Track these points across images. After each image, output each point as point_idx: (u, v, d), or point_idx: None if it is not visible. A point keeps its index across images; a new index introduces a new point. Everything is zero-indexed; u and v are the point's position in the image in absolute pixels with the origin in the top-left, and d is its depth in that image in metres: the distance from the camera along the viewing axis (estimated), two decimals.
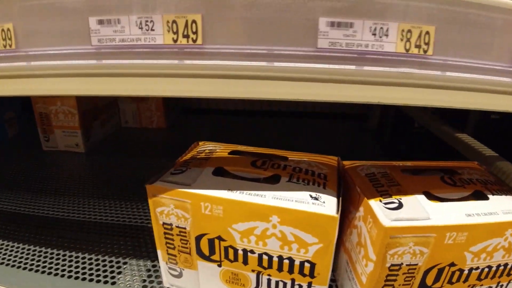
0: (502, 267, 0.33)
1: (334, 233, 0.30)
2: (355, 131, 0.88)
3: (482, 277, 0.33)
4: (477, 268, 0.33)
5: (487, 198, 0.33)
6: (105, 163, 0.67)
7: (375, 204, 0.31)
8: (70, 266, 0.42)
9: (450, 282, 0.33)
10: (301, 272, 0.32)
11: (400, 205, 0.31)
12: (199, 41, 0.24)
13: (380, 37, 0.23)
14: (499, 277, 0.34)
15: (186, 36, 0.24)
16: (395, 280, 0.31)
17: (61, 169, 0.65)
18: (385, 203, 0.31)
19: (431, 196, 0.33)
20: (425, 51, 0.24)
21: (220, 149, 0.40)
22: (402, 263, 0.30)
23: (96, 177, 0.63)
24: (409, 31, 0.24)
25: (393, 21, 0.23)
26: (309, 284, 0.33)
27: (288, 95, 0.24)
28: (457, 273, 0.32)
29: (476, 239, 0.31)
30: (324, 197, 0.31)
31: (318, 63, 0.24)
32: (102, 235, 0.48)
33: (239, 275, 0.35)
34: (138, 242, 0.46)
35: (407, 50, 0.24)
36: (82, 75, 0.26)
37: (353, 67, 0.24)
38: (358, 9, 0.23)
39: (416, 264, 0.31)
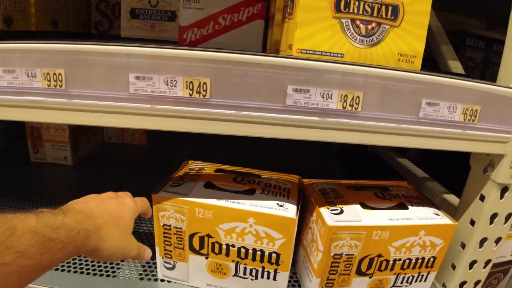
0: (420, 260, 0.48)
1: (294, 230, 0.44)
2: (321, 153, 1.04)
3: (405, 267, 0.48)
4: (400, 259, 0.47)
5: (407, 208, 0.49)
6: (92, 175, 0.78)
7: (324, 211, 0.45)
8: (75, 263, 0.53)
9: (379, 269, 0.47)
10: (269, 261, 0.46)
11: (341, 211, 0.45)
12: (207, 96, 0.37)
13: (327, 99, 0.38)
14: (419, 268, 0.49)
15: (198, 92, 0.37)
16: (338, 267, 0.45)
17: (51, 180, 0.75)
18: (331, 210, 0.45)
19: (365, 206, 0.48)
20: (355, 108, 0.39)
21: (207, 168, 0.54)
22: (342, 253, 0.45)
23: (86, 187, 0.73)
24: (346, 95, 0.38)
25: (335, 89, 0.38)
26: (275, 271, 0.46)
27: (262, 134, 0.38)
28: (384, 263, 0.47)
29: (396, 236, 0.46)
30: (287, 205, 0.45)
31: (286, 114, 0.38)
32: None
33: (222, 265, 0.48)
34: None
35: (344, 108, 0.39)
36: (117, 112, 0.39)
37: (309, 117, 0.38)
38: (313, 81, 0.37)
39: (353, 254, 0.45)
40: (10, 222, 0.27)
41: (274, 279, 0.47)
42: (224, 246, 0.46)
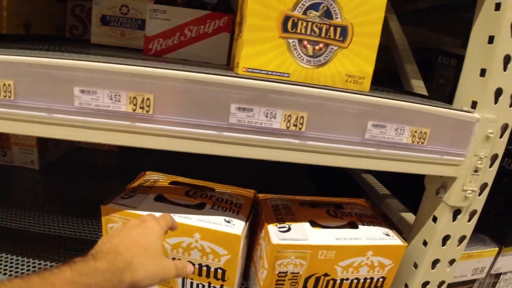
0: (369, 280, 0.49)
1: (239, 247, 0.44)
2: (293, 169, 1.06)
3: (353, 286, 0.49)
4: (347, 279, 0.48)
5: (357, 227, 0.50)
6: (58, 180, 0.78)
7: (272, 228, 0.46)
8: (28, 270, 0.54)
9: None
10: (215, 276, 0.46)
11: (289, 229, 0.46)
12: (150, 112, 0.38)
13: (270, 118, 0.39)
14: (368, 287, 0.50)
15: (142, 108, 0.38)
16: (283, 285, 0.46)
17: (16, 184, 0.75)
18: (279, 228, 0.46)
19: (314, 224, 0.49)
20: (300, 129, 0.40)
21: (163, 179, 0.54)
22: (287, 271, 0.45)
23: (50, 191, 0.74)
24: (290, 115, 0.39)
25: (279, 109, 0.39)
26: (221, 286, 0.47)
27: (205, 151, 0.39)
28: (331, 282, 0.48)
29: (343, 256, 0.47)
30: (235, 220, 0.46)
31: (230, 132, 0.39)
32: (57, 246, 0.59)
33: (169, 280, 0.48)
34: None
35: (288, 127, 0.40)
36: (62, 125, 0.40)
37: (252, 136, 0.39)
38: (256, 100, 0.38)
39: (298, 273, 0.46)
40: (48, 279, 0.29)
41: None
42: None
